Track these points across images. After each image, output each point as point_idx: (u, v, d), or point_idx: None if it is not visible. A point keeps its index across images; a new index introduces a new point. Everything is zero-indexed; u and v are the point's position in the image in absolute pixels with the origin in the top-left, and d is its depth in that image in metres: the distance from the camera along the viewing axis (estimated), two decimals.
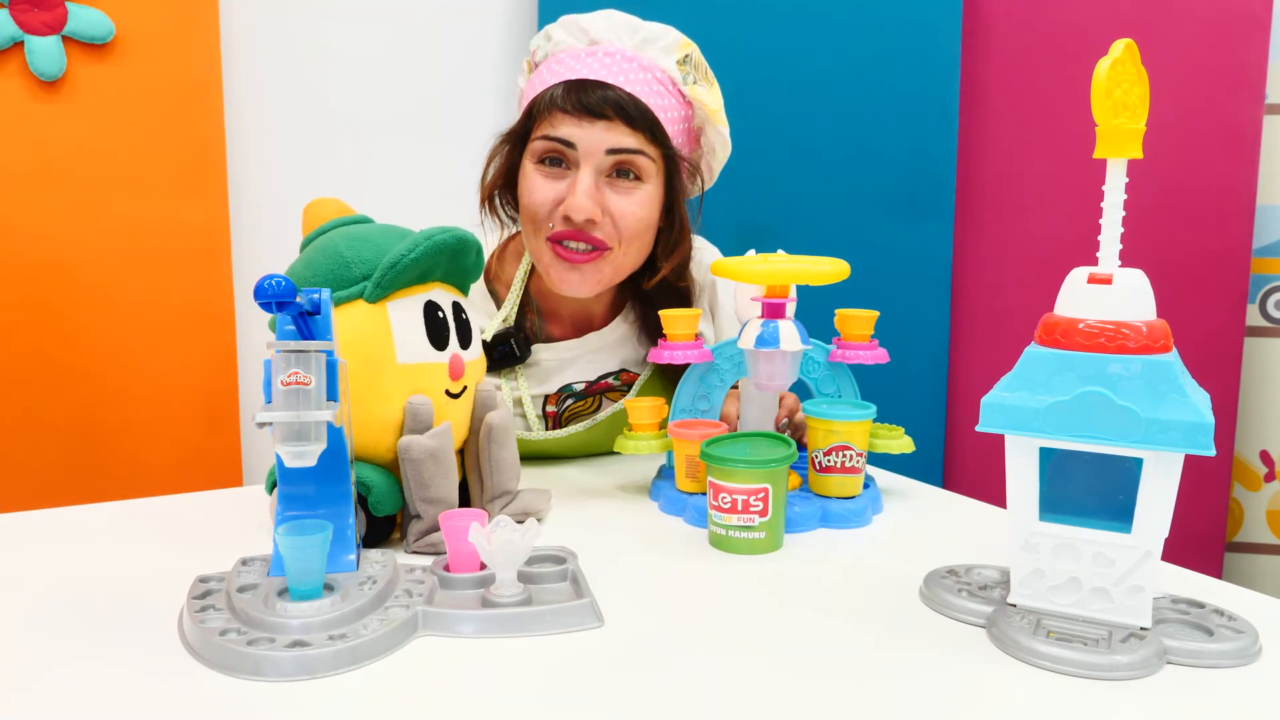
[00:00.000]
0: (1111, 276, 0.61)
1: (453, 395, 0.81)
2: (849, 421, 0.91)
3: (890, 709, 0.55)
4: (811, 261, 0.91)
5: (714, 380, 0.99)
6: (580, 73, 1.01)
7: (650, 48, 1.03)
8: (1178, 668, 0.60)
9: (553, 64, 1.05)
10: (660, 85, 1.03)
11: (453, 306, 0.82)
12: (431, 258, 0.78)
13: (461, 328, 0.82)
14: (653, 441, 0.96)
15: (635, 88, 1.01)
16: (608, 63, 1.02)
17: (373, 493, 0.77)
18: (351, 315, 0.76)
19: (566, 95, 1.01)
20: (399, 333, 0.77)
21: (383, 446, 0.79)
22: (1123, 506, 0.61)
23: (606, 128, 1.00)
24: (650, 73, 1.02)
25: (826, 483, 0.92)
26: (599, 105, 1.00)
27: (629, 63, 1.02)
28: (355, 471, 0.76)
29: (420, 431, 0.77)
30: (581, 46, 1.04)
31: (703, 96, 1.05)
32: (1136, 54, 0.60)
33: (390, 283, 0.76)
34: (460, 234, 0.80)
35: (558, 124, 1.01)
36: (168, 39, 1.54)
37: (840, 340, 0.98)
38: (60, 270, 1.52)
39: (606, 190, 1.02)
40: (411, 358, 0.78)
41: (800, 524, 0.87)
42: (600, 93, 1.00)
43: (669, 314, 0.95)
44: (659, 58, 1.03)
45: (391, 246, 0.77)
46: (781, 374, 0.91)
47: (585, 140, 1.00)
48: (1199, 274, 1.71)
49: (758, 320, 0.91)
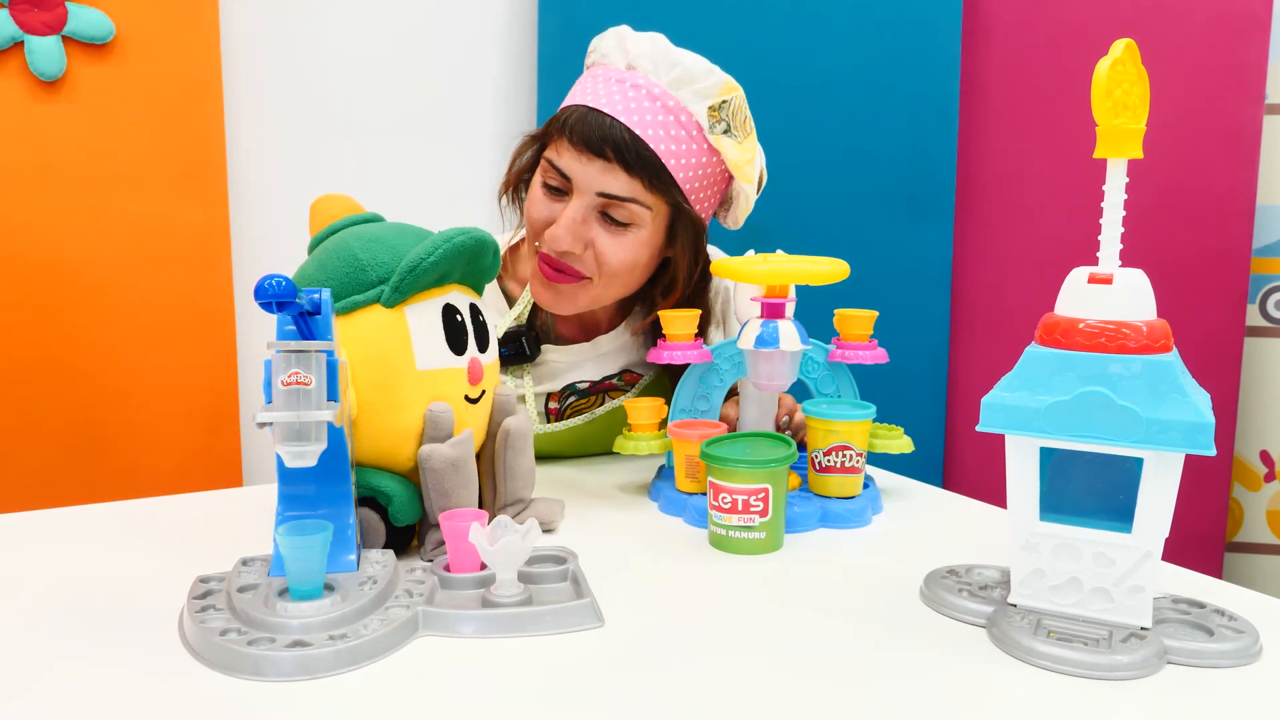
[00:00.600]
0: (1112, 276, 0.61)
1: (471, 400, 0.79)
2: (849, 421, 0.91)
3: (891, 709, 0.55)
4: (811, 261, 0.91)
5: (713, 380, 0.99)
6: (600, 101, 0.99)
7: (684, 89, 0.99)
8: (1178, 668, 0.60)
9: (591, 76, 1.04)
10: (682, 130, 0.99)
11: (470, 309, 0.80)
12: (450, 260, 0.76)
13: (479, 330, 0.80)
14: (652, 442, 0.96)
15: (648, 129, 0.97)
16: (631, 96, 0.99)
17: (393, 503, 0.75)
18: (368, 321, 0.74)
19: (575, 124, 0.99)
20: (418, 338, 0.75)
21: (402, 455, 0.76)
22: (1123, 506, 0.61)
23: (603, 168, 0.98)
24: (674, 115, 0.98)
25: (826, 483, 0.92)
26: (599, 144, 0.97)
27: (654, 101, 0.98)
28: (374, 481, 0.76)
29: (441, 439, 0.75)
30: (618, 69, 1.02)
31: (726, 148, 1.01)
32: (1137, 54, 0.60)
33: (408, 287, 0.74)
34: (479, 235, 0.78)
35: (562, 153, 1.00)
36: (168, 39, 1.53)
37: (839, 340, 0.98)
38: (60, 270, 1.52)
39: (596, 226, 1.01)
40: (431, 363, 0.75)
41: (800, 524, 0.88)
42: (604, 130, 0.97)
43: (668, 314, 0.95)
44: (690, 100, 0.99)
45: (407, 248, 0.75)
46: (781, 374, 0.91)
47: (581, 178, 0.99)
48: (1199, 274, 1.71)
49: (757, 320, 0.91)
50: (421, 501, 0.77)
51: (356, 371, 0.73)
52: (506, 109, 1.86)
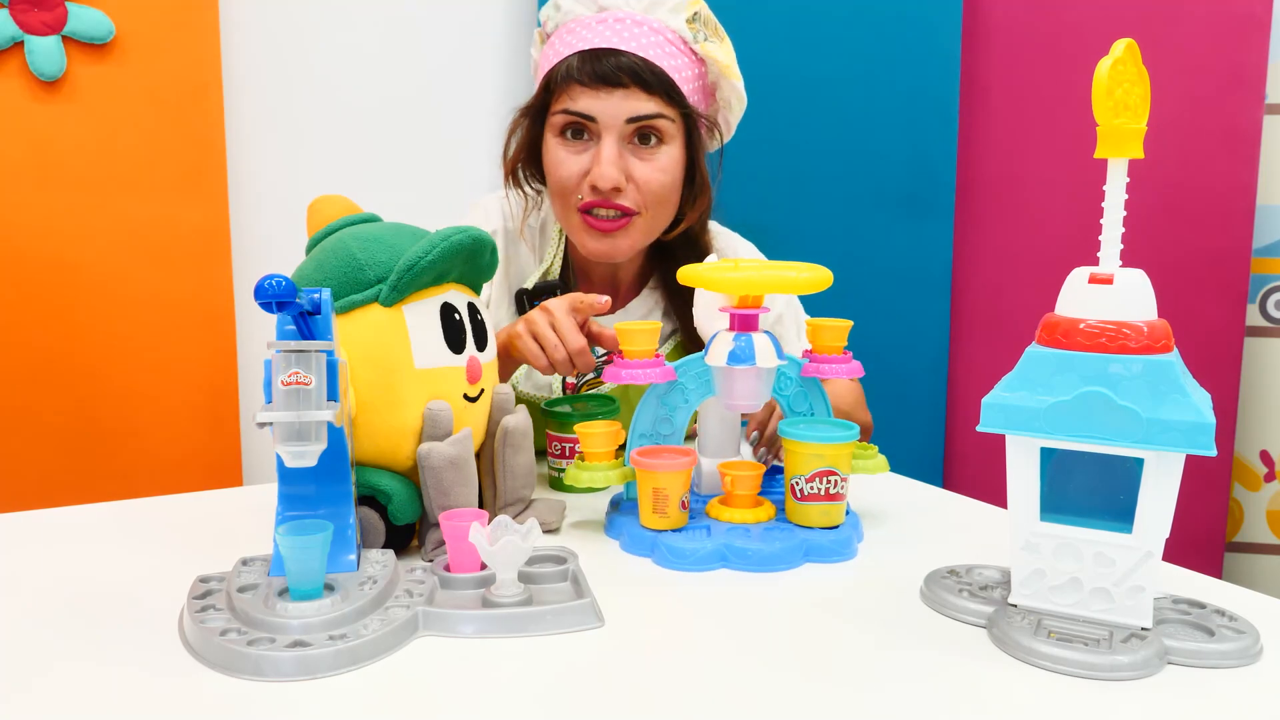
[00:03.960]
0: (1113, 276, 0.61)
1: (470, 399, 0.79)
2: (835, 444, 0.81)
3: (891, 710, 0.55)
4: (789, 268, 0.82)
5: (677, 400, 0.88)
6: (592, 41, 1.03)
7: (659, 9, 1.04)
8: (1179, 668, 0.60)
9: (564, 34, 1.06)
10: (672, 46, 1.04)
11: (468, 308, 0.80)
12: (448, 259, 0.76)
13: (477, 329, 0.81)
14: (610, 472, 0.85)
15: (648, 51, 1.02)
16: (618, 28, 1.03)
17: (393, 501, 0.76)
18: (366, 320, 0.74)
19: (581, 67, 1.02)
20: (416, 337, 0.75)
21: (401, 454, 0.77)
22: (1124, 507, 0.61)
23: (624, 96, 1.02)
24: (661, 34, 1.04)
25: (808, 512, 0.82)
26: (614, 74, 1.01)
27: (639, 26, 1.03)
28: (374, 480, 0.76)
29: (440, 438, 0.76)
30: (591, 14, 1.06)
31: (714, 52, 1.06)
32: (1137, 54, 0.60)
33: (406, 286, 0.74)
34: (476, 234, 0.78)
35: (576, 97, 1.03)
36: (168, 39, 1.53)
37: (812, 353, 0.89)
38: (60, 270, 1.52)
39: (630, 157, 1.05)
40: (429, 362, 0.76)
41: (782, 561, 0.78)
42: (614, 60, 1.01)
43: (624, 328, 0.84)
44: (668, 18, 1.05)
45: (405, 247, 0.75)
46: (755, 392, 0.83)
47: (604, 111, 1.02)
48: (1199, 274, 1.71)
49: (728, 333, 0.82)
50: (421, 500, 0.77)
51: (355, 371, 0.73)
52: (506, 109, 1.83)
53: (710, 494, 0.91)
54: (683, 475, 0.81)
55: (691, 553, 0.78)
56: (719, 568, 0.78)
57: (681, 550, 0.78)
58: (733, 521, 0.83)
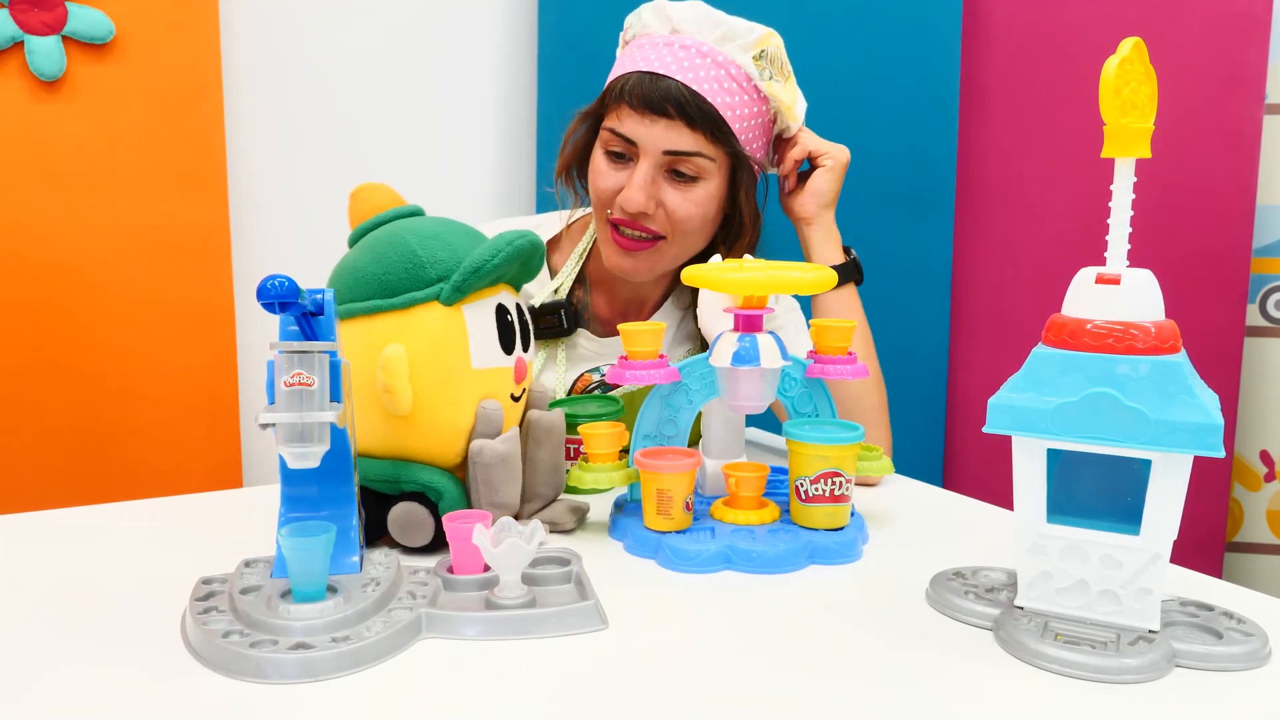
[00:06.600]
0: (1119, 276, 0.61)
1: (515, 399, 0.82)
2: (840, 445, 0.81)
3: (897, 712, 0.55)
4: (794, 268, 0.83)
5: (681, 401, 0.88)
6: (654, 64, 1.03)
7: (729, 44, 1.04)
8: (1187, 671, 0.59)
9: (635, 47, 1.07)
10: (733, 82, 1.03)
11: (516, 308, 0.83)
12: (510, 262, 0.79)
13: (523, 330, 0.83)
14: (614, 474, 0.85)
15: (704, 84, 1.02)
16: (681, 56, 1.03)
17: (444, 499, 0.77)
18: (427, 318, 0.76)
19: (634, 90, 1.03)
20: (474, 337, 0.77)
21: (452, 452, 0.78)
22: (1131, 508, 0.61)
23: (667, 126, 1.02)
24: (724, 69, 1.03)
25: (812, 514, 0.82)
26: (661, 103, 1.01)
27: (704, 58, 1.03)
28: (424, 477, 0.77)
29: (491, 436, 0.78)
30: (663, 35, 1.06)
31: (777, 92, 1.06)
32: (1144, 52, 0.60)
33: (470, 287, 0.76)
34: (533, 238, 0.80)
35: (623, 119, 1.04)
36: (168, 39, 1.53)
37: (816, 354, 0.89)
38: (60, 270, 1.52)
39: (664, 184, 1.05)
40: (485, 362, 0.78)
41: (787, 563, 0.78)
42: (665, 88, 1.01)
43: (628, 329, 0.84)
44: (736, 54, 1.03)
45: (463, 247, 0.77)
46: (760, 393, 0.82)
47: (645, 139, 1.03)
48: (1199, 274, 1.71)
49: (732, 334, 0.82)
50: (468, 497, 0.78)
51: (415, 368, 0.74)
52: (506, 109, 1.85)
53: (714, 495, 0.90)
54: (687, 477, 0.81)
55: (696, 554, 0.77)
56: (723, 570, 0.78)
57: (685, 552, 0.78)
58: (737, 523, 0.82)
